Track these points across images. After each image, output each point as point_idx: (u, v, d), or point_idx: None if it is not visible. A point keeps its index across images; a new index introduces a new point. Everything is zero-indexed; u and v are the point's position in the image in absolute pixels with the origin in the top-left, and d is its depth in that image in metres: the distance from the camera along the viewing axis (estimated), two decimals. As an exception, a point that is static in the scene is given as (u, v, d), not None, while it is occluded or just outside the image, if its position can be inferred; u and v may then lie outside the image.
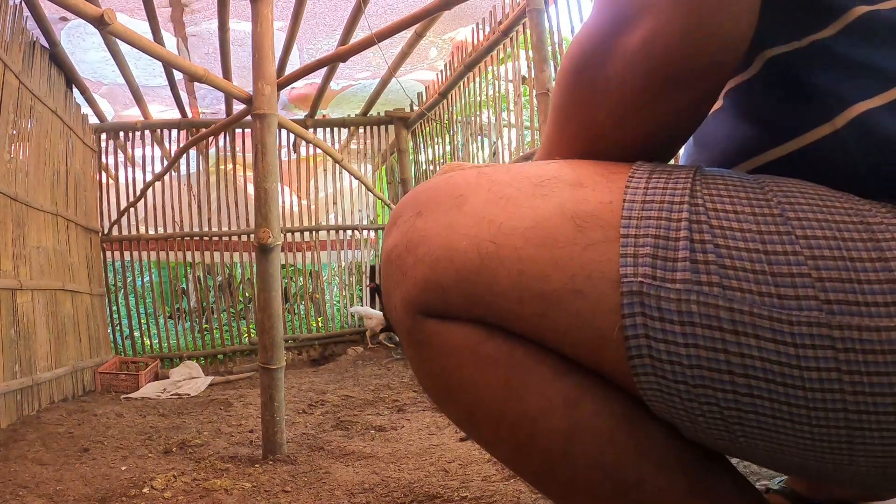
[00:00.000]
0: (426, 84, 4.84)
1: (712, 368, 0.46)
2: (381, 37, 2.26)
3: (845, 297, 0.44)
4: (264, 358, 1.99)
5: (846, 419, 0.45)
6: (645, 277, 0.47)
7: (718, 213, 0.48)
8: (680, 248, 0.47)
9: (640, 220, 0.49)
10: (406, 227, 0.56)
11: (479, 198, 0.54)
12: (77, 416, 2.88)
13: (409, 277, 0.55)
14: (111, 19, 1.82)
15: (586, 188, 0.52)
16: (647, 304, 0.47)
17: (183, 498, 1.58)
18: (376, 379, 3.63)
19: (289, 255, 5.36)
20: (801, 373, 0.45)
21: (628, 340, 0.48)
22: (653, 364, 0.47)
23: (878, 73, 0.50)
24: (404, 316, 0.56)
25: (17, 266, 3.04)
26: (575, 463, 0.53)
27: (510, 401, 0.53)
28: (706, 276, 0.46)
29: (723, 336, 0.45)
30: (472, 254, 0.51)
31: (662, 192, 0.50)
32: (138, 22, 3.26)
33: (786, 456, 0.50)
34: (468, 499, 1.39)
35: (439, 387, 0.58)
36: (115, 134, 4.94)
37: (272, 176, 2.01)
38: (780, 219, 0.47)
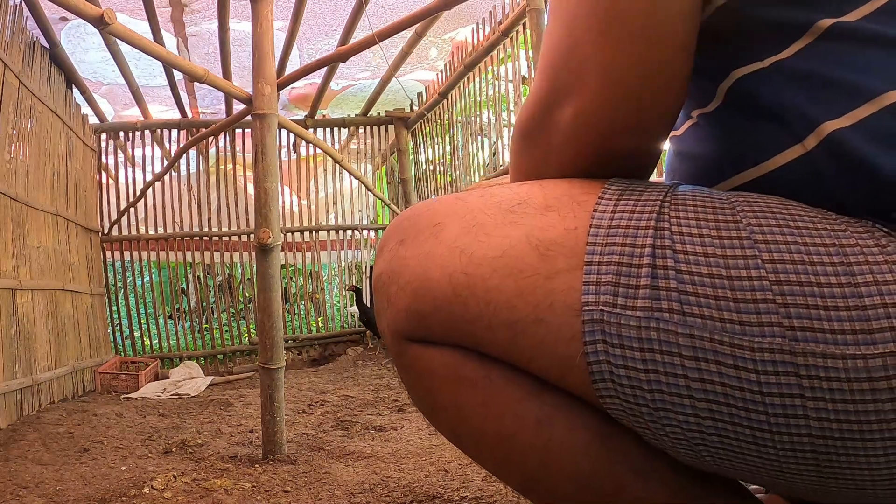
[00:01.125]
0: (426, 84, 4.84)
1: (672, 393, 0.47)
2: (381, 36, 2.25)
3: (810, 324, 0.43)
4: (264, 358, 1.99)
5: (811, 444, 0.45)
6: (605, 306, 0.48)
7: (683, 238, 0.48)
8: (642, 275, 0.47)
9: (605, 246, 0.49)
10: (390, 256, 0.58)
11: (455, 226, 0.55)
12: (77, 416, 2.88)
13: (393, 305, 0.57)
14: (111, 19, 1.82)
15: (553, 212, 0.53)
16: (608, 332, 0.47)
17: (183, 498, 1.58)
18: (376, 379, 3.63)
19: (289, 255, 5.36)
20: (764, 398, 0.44)
21: (591, 366, 0.49)
22: (615, 388, 0.48)
23: (846, 89, 0.49)
24: (391, 341, 0.59)
25: (17, 266, 3.04)
26: (553, 476, 0.54)
27: (488, 419, 0.55)
28: (667, 303, 0.46)
29: (682, 362, 0.46)
30: (445, 284, 0.53)
31: (629, 217, 0.50)
32: (138, 22, 3.26)
33: (754, 476, 0.50)
34: (468, 499, 1.39)
35: (425, 406, 0.61)
36: (115, 134, 4.94)
37: (272, 176, 2.01)
38: (747, 242, 0.46)
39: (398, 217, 0.62)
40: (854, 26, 0.50)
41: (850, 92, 0.49)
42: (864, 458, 0.45)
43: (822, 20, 0.50)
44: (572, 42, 0.53)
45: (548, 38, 0.57)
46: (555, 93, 0.55)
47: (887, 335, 0.42)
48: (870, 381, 0.42)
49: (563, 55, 0.54)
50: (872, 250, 0.45)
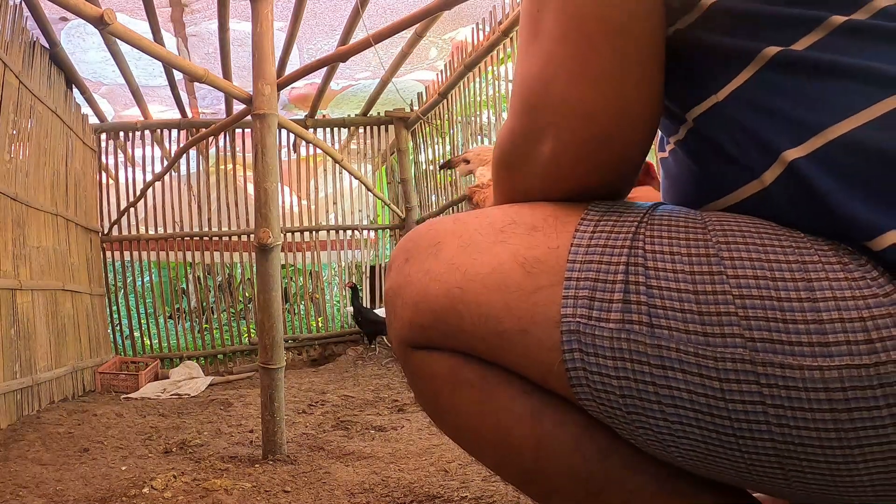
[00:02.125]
0: (426, 84, 4.84)
1: (642, 399, 0.50)
2: (378, 38, 2.26)
3: (769, 336, 0.46)
4: (264, 358, 1.99)
5: (774, 448, 0.48)
6: (581, 318, 0.52)
7: (655, 255, 0.51)
8: (616, 290, 0.51)
9: (583, 263, 0.53)
10: (397, 273, 0.64)
11: (452, 245, 0.60)
12: (77, 416, 2.88)
13: (398, 317, 0.63)
14: (111, 19, 1.82)
15: (539, 232, 0.57)
16: (583, 342, 0.52)
17: (183, 498, 1.58)
18: (376, 379, 3.63)
19: (289, 255, 5.36)
20: (727, 405, 0.47)
21: (569, 372, 0.53)
22: (591, 392, 0.53)
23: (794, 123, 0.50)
24: (398, 349, 0.65)
25: (17, 266, 3.04)
26: (547, 470, 0.58)
27: (485, 416, 0.60)
28: (637, 316, 0.50)
29: (651, 370, 0.49)
30: (443, 298, 0.58)
31: (607, 236, 0.54)
32: (138, 22, 3.26)
33: (726, 475, 0.53)
34: (468, 499, 1.39)
35: (430, 408, 0.66)
36: (115, 134, 4.94)
37: (272, 176, 2.01)
38: (714, 259, 0.49)
39: (405, 237, 0.67)
40: (802, 55, 0.50)
41: (801, 123, 0.50)
42: (825, 464, 0.47)
43: (767, 48, 0.51)
44: (548, 79, 0.56)
45: (522, 74, 0.59)
46: (532, 130, 0.58)
47: (843, 349, 0.44)
48: (826, 392, 0.45)
49: (539, 92, 0.57)
50: (834, 267, 0.47)
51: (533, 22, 0.57)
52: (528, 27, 0.58)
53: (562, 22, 0.54)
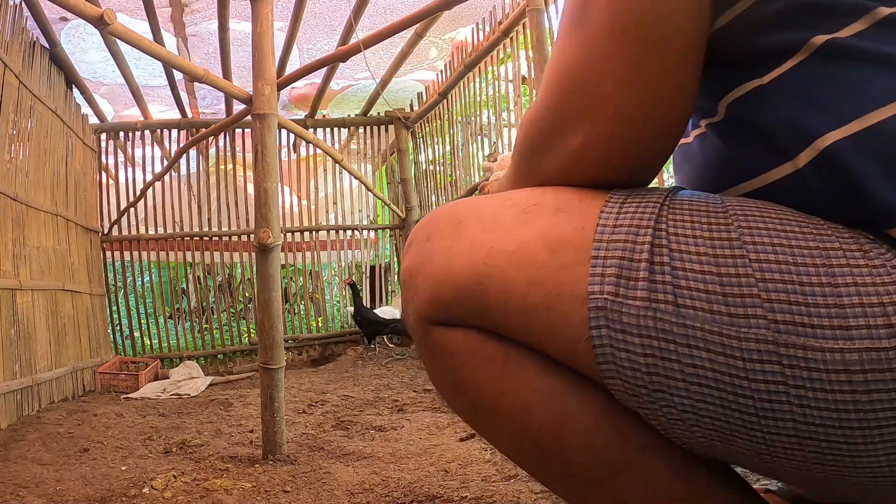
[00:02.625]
0: (426, 84, 4.84)
1: (668, 377, 0.51)
2: (377, 39, 2.26)
3: (792, 319, 0.47)
4: (264, 358, 1.99)
5: (795, 429, 0.49)
6: (609, 295, 0.53)
7: (679, 238, 0.53)
8: (641, 268, 0.52)
9: (610, 242, 0.54)
10: (417, 250, 0.64)
11: (475, 224, 0.61)
12: (77, 416, 2.88)
13: (419, 293, 0.62)
14: (111, 19, 1.82)
15: (564, 213, 0.58)
16: (611, 319, 0.52)
17: (183, 498, 1.58)
18: (376, 379, 3.63)
19: (289, 255, 5.36)
20: (750, 384, 0.49)
21: (595, 349, 0.54)
22: (617, 370, 0.53)
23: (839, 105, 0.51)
24: (416, 325, 0.64)
25: (17, 266, 3.04)
26: (567, 447, 0.58)
27: (506, 394, 0.60)
28: (662, 295, 0.51)
29: (676, 349, 0.50)
30: (467, 274, 0.59)
31: (631, 217, 0.55)
32: (138, 22, 3.26)
33: (745, 458, 0.54)
34: (468, 499, 1.39)
35: (447, 385, 0.65)
36: (115, 134, 4.94)
37: (272, 176, 2.01)
38: (736, 243, 0.51)
39: (425, 218, 0.67)
40: (846, 42, 0.52)
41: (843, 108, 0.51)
42: (844, 445, 0.48)
43: (815, 37, 0.53)
44: (588, 72, 0.56)
45: (559, 59, 0.59)
46: (564, 119, 0.59)
47: (863, 332, 0.46)
48: (847, 374, 0.46)
49: (577, 82, 0.57)
50: (855, 255, 0.48)
51: (580, 7, 0.56)
52: (574, 10, 0.57)
53: (609, 18, 0.54)
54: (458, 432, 2.09)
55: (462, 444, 1.93)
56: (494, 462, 1.66)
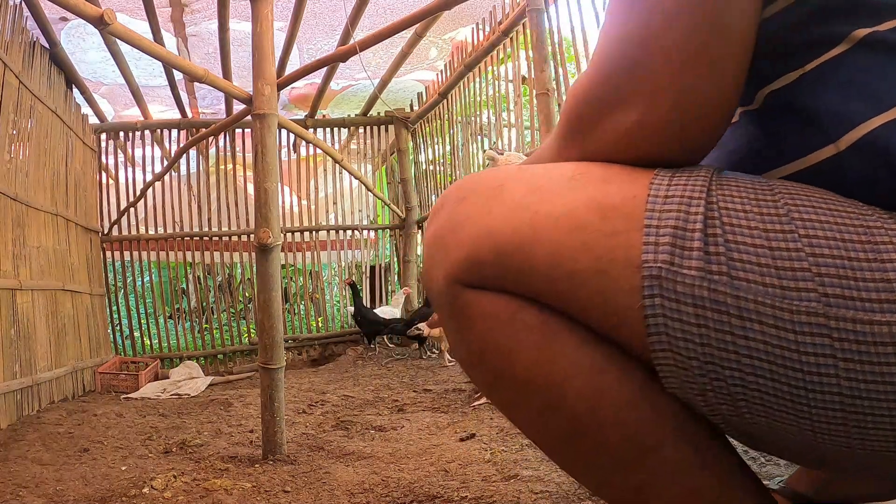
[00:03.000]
0: (426, 84, 4.84)
1: (720, 348, 0.51)
2: (377, 39, 2.26)
3: (842, 293, 0.48)
4: (264, 358, 1.99)
5: (841, 402, 0.49)
6: (664, 263, 0.52)
7: (729, 212, 0.53)
8: (695, 238, 0.52)
9: (662, 212, 0.54)
10: (450, 211, 0.62)
11: (518, 188, 0.60)
12: (77, 416, 2.88)
13: (452, 253, 0.60)
14: (111, 19, 1.82)
15: (613, 184, 0.57)
16: (665, 287, 0.52)
17: (183, 498, 1.58)
18: (376, 379, 3.63)
19: (289, 255, 5.36)
20: (800, 357, 0.49)
21: (647, 319, 0.53)
22: (669, 341, 0.53)
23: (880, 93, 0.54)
24: (445, 287, 0.61)
25: (17, 266, 3.04)
26: (601, 423, 0.57)
27: (541, 363, 0.58)
28: (716, 266, 0.51)
29: (729, 320, 0.50)
30: (510, 235, 0.57)
31: (682, 189, 0.55)
32: (138, 22, 3.26)
33: (788, 436, 0.54)
34: (468, 499, 1.39)
35: (472, 351, 0.62)
36: (115, 134, 4.94)
37: (272, 176, 2.00)
38: (785, 219, 0.52)
39: (456, 183, 0.66)
40: (887, 36, 0.55)
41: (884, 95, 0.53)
42: (888, 419, 0.49)
43: (857, 30, 0.55)
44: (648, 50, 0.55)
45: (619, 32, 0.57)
46: (618, 96, 0.57)
47: None
48: (894, 346, 0.47)
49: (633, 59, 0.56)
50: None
51: None
52: None
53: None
54: (458, 432, 2.09)
55: (462, 444, 1.93)
56: (494, 462, 1.66)
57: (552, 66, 3.03)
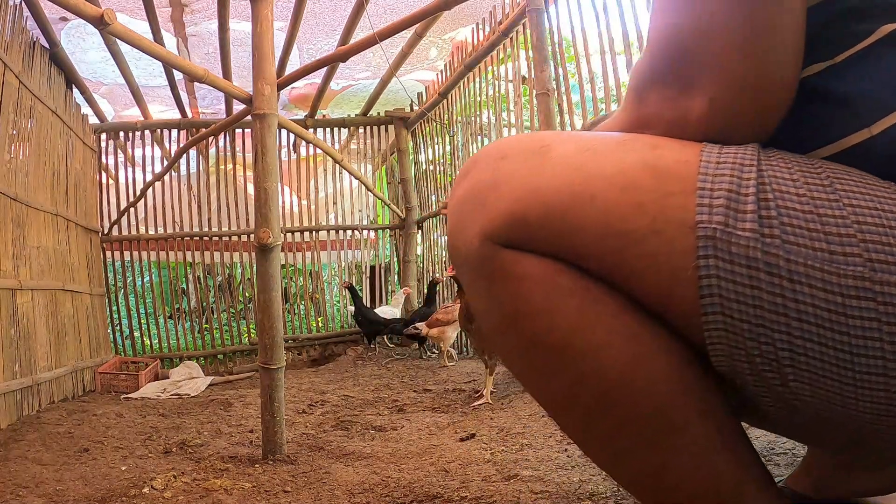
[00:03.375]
0: (426, 84, 4.84)
1: (771, 310, 0.52)
2: (382, 36, 2.26)
3: (885, 259, 0.50)
4: (264, 358, 1.99)
5: (885, 367, 0.50)
6: (719, 224, 0.53)
7: (779, 180, 0.54)
8: (749, 202, 0.53)
9: (715, 176, 0.55)
10: (489, 168, 0.61)
11: (566, 148, 0.60)
12: (77, 416, 2.88)
13: (492, 210, 0.59)
14: (111, 19, 1.82)
15: (664, 149, 0.58)
16: (720, 248, 0.52)
17: (183, 498, 1.58)
18: (376, 379, 3.63)
19: (289, 255, 5.36)
20: (847, 320, 0.51)
21: (701, 280, 0.53)
22: (721, 303, 0.53)
23: None
24: (480, 245, 0.60)
25: (17, 266, 3.04)
26: (633, 394, 0.57)
27: (579, 329, 0.58)
28: (769, 230, 0.52)
29: (781, 282, 0.52)
30: (561, 193, 0.57)
31: (734, 157, 0.56)
32: (138, 22, 3.26)
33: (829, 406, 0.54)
34: (468, 499, 1.39)
35: (505, 314, 0.61)
36: (115, 134, 4.94)
37: (272, 176, 2.01)
38: (829, 189, 0.53)
39: (491, 144, 0.65)
40: None
41: None
42: None
43: (885, 25, 0.58)
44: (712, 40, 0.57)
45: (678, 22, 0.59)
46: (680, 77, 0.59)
47: None
48: None
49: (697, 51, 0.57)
50: None
51: None
52: None
53: None
54: (458, 432, 2.09)
55: (462, 444, 1.93)
56: (494, 462, 1.66)
57: (552, 66, 3.03)
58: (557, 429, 1.89)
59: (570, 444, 1.73)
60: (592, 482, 1.37)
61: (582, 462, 1.54)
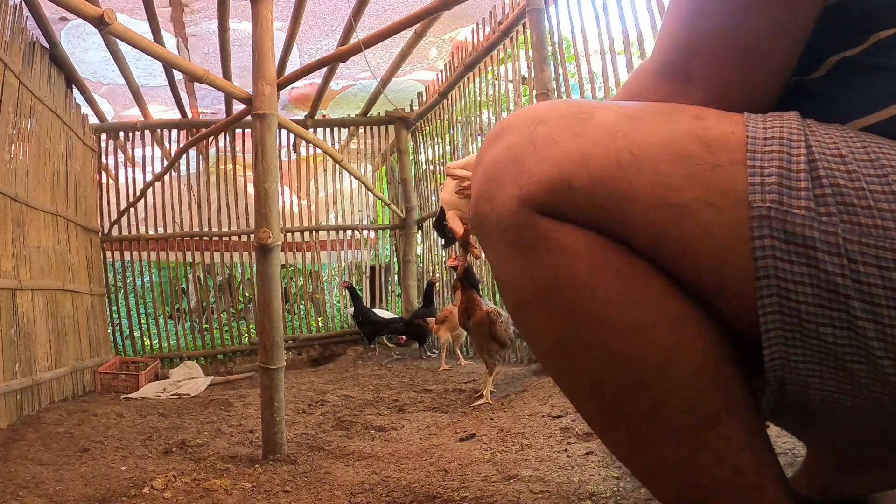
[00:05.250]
0: (426, 84, 4.84)
1: (829, 290, 0.50)
2: (378, 39, 2.26)
3: None
4: (264, 358, 1.99)
5: None
6: (773, 203, 0.51)
7: (826, 156, 0.53)
8: (801, 178, 0.52)
9: (764, 152, 0.53)
10: (526, 132, 0.58)
11: (608, 115, 0.57)
12: (77, 416, 2.88)
13: (532, 175, 0.56)
14: (111, 19, 1.82)
15: (706, 120, 0.56)
16: (775, 228, 0.51)
17: (183, 498, 1.58)
18: (376, 379, 3.63)
19: (289, 255, 5.36)
20: None
21: (757, 261, 0.51)
22: (777, 284, 0.51)
23: None
24: (516, 211, 0.57)
25: (17, 266, 3.04)
26: (669, 380, 0.55)
27: (621, 309, 0.55)
28: (824, 208, 0.51)
29: (840, 262, 0.50)
30: (609, 161, 0.54)
31: (780, 131, 0.55)
32: (138, 22, 3.26)
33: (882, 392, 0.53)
34: (468, 499, 1.39)
35: (541, 287, 0.57)
36: (115, 134, 4.94)
37: (272, 176, 2.00)
38: (876, 163, 0.52)
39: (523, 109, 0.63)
40: None
41: None
42: None
43: None
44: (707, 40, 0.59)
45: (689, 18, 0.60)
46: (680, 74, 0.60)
47: None
48: None
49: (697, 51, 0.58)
50: None
51: None
52: None
53: None
54: (458, 432, 2.09)
55: (462, 444, 1.92)
56: (494, 462, 1.66)
57: (552, 66, 3.03)
58: (558, 429, 1.89)
59: (570, 443, 1.73)
60: (592, 482, 1.37)
61: (582, 462, 1.54)
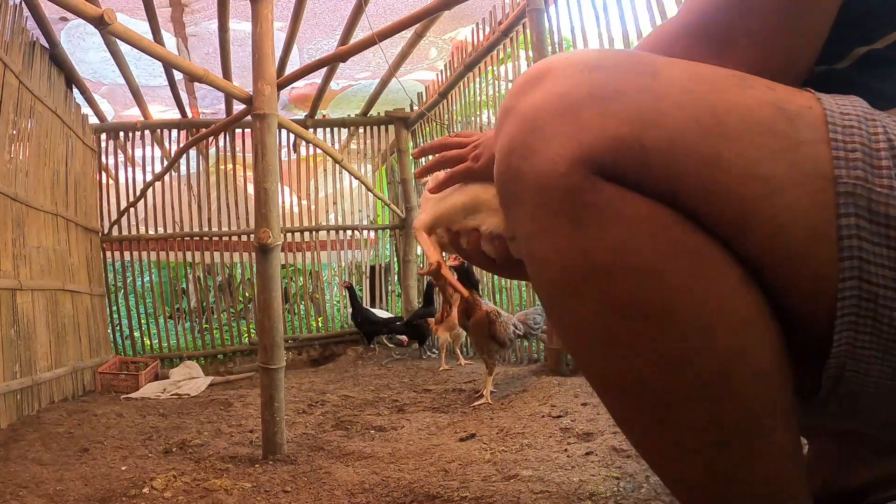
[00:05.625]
0: (426, 84, 4.84)
1: None
2: (381, 36, 2.26)
3: None
4: (264, 358, 1.99)
5: None
6: (858, 180, 0.48)
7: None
8: (882, 157, 0.49)
9: (844, 128, 0.50)
10: (577, 78, 0.51)
11: (675, 71, 0.52)
12: (77, 416, 2.88)
13: (592, 129, 0.49)
14: (111, 19, 1.82)
15: (778, 91, 0.52)
16: (859, 206, 0.48)
17: (183, 498, 1.58)
18: (376, 379, 3.63)
19: (289, 255, 5.36)
20: None
21: (842, 241, 0.48)
22: (860, 266, 0.48)
23: None
24: (568, 171, 0.49)
25: (17, 266, 3.04)
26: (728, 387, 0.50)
27: (690, 302, 0.49)
28: None
29: None
30: (689, 122, 0.49)
31: (853, 108, 0.52)
32: (138, 22, 3.26)
33: None
34: (468, 499, 1.39)
35: (594, 261, 0.50)
36: (115, 134, 4.94)
37: (272, 176, 2.00)
38: None
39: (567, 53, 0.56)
40: None
41: None
42: None
43: None
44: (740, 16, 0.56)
45: None
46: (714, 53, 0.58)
47: None
48: None
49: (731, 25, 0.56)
50: None
51: None
52: None
53: None
54: (458, 432, 2.09)
55: (462, 444, 1.92)
56: (494, 462, 1.66)
57: (552, 66, 3.02)
58: (558, 429, 1.89)
59: (570, 444, 1.73)
60: (592, 482, 1.37)
61: (582, 462, 1.54)
